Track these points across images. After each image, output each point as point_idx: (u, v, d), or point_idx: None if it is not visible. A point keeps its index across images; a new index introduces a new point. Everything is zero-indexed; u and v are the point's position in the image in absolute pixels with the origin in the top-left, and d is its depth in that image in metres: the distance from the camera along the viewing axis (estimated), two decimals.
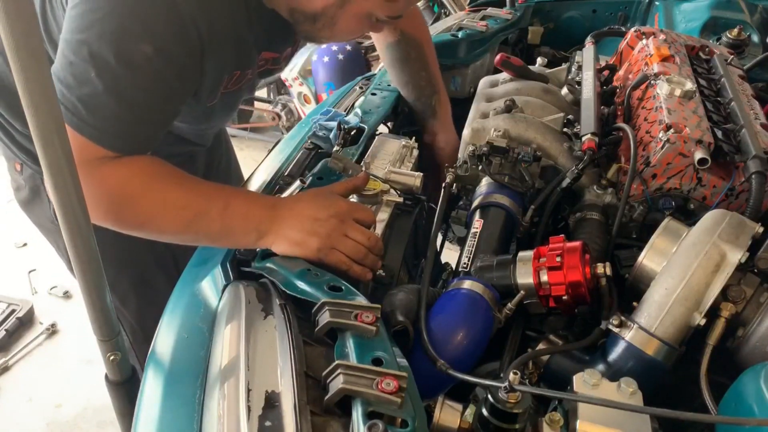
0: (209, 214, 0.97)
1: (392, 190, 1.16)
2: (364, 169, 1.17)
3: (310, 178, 1.14)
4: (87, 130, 0.92)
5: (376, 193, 1.11)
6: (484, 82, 1.61)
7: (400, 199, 1.15)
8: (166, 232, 1.00)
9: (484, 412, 0.76)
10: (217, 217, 0.97)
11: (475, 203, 1.18)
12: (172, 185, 0.99)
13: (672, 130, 1.08)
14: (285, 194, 1.08)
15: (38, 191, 1.38)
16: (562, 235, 0.99)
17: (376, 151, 1.29)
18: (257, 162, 1.34)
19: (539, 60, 1.70)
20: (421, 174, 1.20)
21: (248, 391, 0.70)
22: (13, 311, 2.68)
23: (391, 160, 1.25)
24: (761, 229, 0.90)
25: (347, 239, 0.97)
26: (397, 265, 1.09)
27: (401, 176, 1.19)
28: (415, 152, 1.32)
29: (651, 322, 0.86)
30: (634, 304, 0.91)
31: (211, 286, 0.95)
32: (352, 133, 1.33)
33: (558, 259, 0.92)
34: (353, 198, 1.11)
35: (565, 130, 1.33)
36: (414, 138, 1.36)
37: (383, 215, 1.11)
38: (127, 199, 0.96)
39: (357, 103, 1.49)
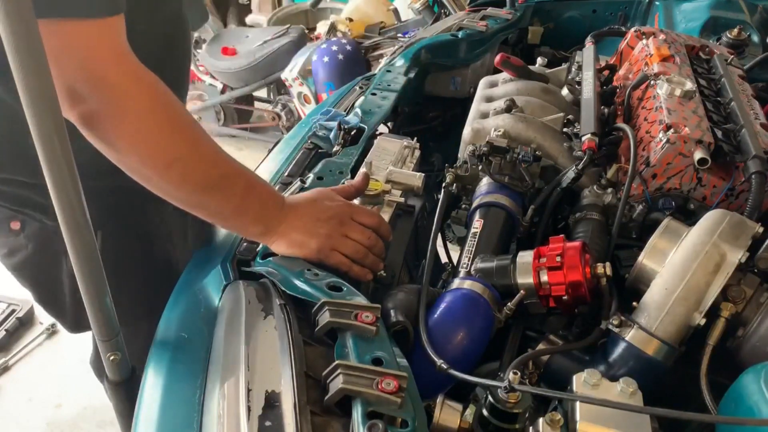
0: (233, 186, 0.92)
1: (394, 191, 1.16)
2: (365, 170, 1.17)
3: (310, 178, 1.14)
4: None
5: (378, 194, 1.12)
6: (484, 82, 1.61)
7: (402, 200, 1.15)
8: (186, 182, 0.89)
9: (484, 412, 0.76)
10: (239, 194, 0.92)
11: (475, 203, 1.18)
12: (204, 137, 0.90)
13: (672, 130, 1.08)
14: (286, 194, 1.08)
15: (48, 247, 1.20)
16: (562, 235, 0.99)
17: (377, 152, 1.28)
18: (257, 162, 1.34)
19: (539, 60, 1.70)
20: (422, 174, 1.20)
21: (248, 391, 0.70)
22: (13, 311, 2.68)
23: (393, 160, 1.25)
24: (761, 229, 0.90)
25: (347, 240, 0.97)
26: (398, 265, 1.09)
27: (402, 177, 1.19)
28: (417, 153, 1.32)
29: (651, 322, 0.86)
30: (634, 304, 0.91)
31: (211, 286, 0.95)
32: (352, 133, 1.33)
33: (558, 259, 0.92)
34: (356, 200, 1.11)
35: (565, 130, 1.33)
36: (416, 138, 1.36)
37: (384, 216, 1.10)
38: (164, 126, 0.86)
39: (357, 103, 1.49)
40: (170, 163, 0.87)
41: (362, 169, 1.18)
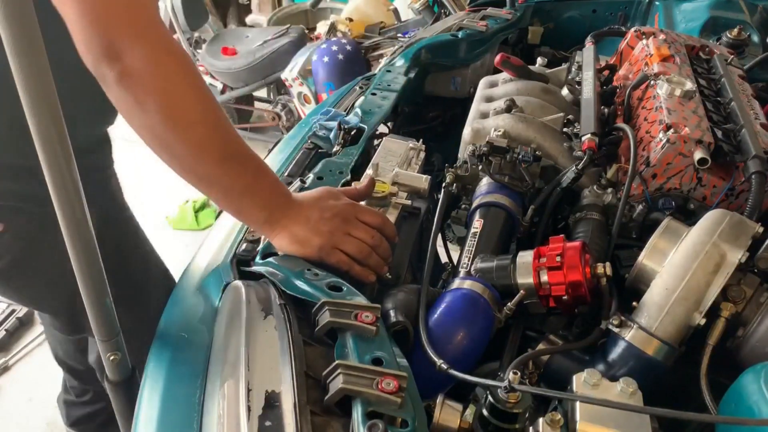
0: (246, 162, 0.92)
1: (400, 193, 1.16)
2: (371, 171, 1.17)
3: (310, 177, 1.14)
4: None
5: (385, 195, 1.12)
6: (484, 82, 1.61)
7: (408, 202, 1.15)
8: (204, 149, 0.89)
9: (484, 412, 0.76)
10: (252, 172, 0.93)
11: (475, 203, 1.18)
12: (222, 110, 0.91)
13: (672, 130, 1.08)
14: None
15: (42, 240, 1.16)
16: (562, 235, 0.99)
17: (383, 153, 1.28)
18: None
19: (539, 60, 1.70)
20: (429, 177, 1.20)
21: (248, 391, 0.70)
22: (13, 311, 2.68)
23: (399, 162, 1.25)
24: (761, 229, 0.90)
25: (350, 238, 0.97)
26: (403, 267, 1.09)
27: (408, 179, 1.19)
28: (422, 155, 1.32)
29: (651, 322, 0.86)
30: (634, 304, 0.91)
31: (211, 286, 0.95)
32: (352, 133, 1.34)
33: (558, 259, 0.92)
34: (362, 202, 1.11)
35: (565, 130, 1.33)
36: (421, 140, 1.36)
37: (390, 218, 1.10)
38: (190, 89, 0.88)
39: (357, 103, 1.49)
40: (192, 125, 0.87)
41: (368, 172, 1.18)
